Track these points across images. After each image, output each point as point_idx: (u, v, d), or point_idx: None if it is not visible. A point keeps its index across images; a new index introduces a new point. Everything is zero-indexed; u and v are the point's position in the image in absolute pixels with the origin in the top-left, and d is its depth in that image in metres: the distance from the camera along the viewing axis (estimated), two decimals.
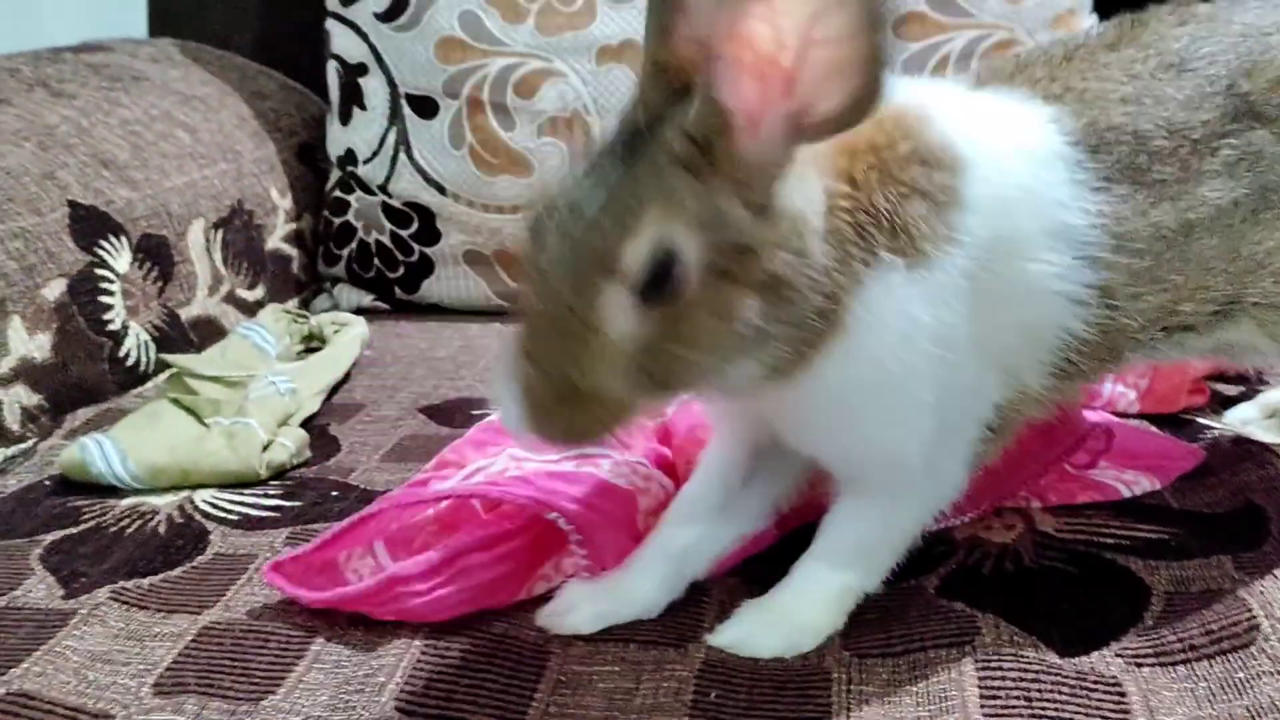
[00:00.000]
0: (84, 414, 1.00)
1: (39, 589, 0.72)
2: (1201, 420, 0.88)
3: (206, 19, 1.56)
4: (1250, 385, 0.94)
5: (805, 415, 0.62)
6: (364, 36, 1.34)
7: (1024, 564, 0.69)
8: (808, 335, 0.57)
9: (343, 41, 1.36)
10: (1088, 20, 1.29)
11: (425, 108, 1.31)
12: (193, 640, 0.66)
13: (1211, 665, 0.58)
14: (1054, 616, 0.63)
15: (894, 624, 0.64)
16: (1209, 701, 0.55)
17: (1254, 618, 0.59)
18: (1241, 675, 0.56)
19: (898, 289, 0.58)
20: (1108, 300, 0.62)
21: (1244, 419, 0.89)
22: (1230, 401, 0.91)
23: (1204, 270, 0.65)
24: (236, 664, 0.63)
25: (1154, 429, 0.85)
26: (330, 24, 1.37)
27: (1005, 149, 0.62)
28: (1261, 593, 0.61)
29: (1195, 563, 0.67)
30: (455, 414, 0.99)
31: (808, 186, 0.57)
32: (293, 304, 1.31)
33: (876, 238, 0.58)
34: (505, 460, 0.75)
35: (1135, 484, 0.77)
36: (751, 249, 0.55)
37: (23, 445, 0.95)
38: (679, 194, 0.54)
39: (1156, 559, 0.68)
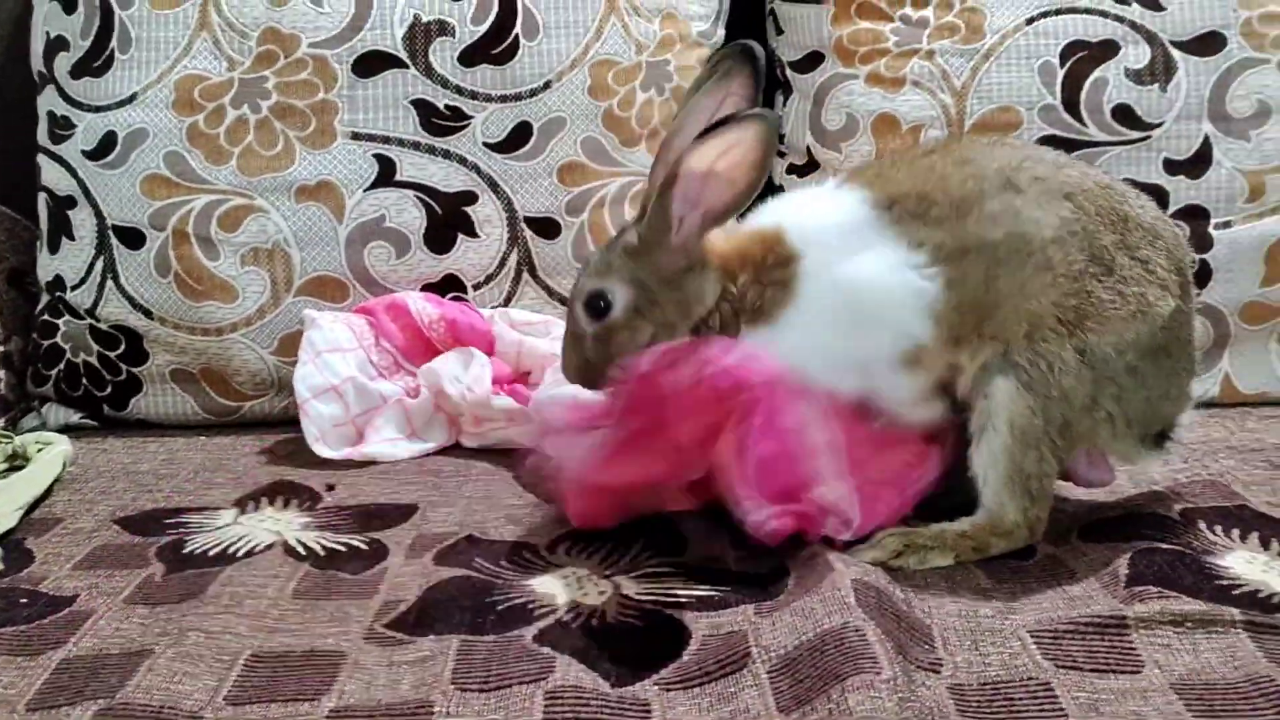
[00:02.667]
0: None
1: None
2: None
3: None
4: None
5: None
6: (73, 172, 1.44)
7: (606, 620, 0.87)
8: None
9: (52, 175, 1.46)
10: None
11: (132, 238, 1.42)
12: None
13: (716, 684, 0.77)
14: (615, 658, 0.81)
15: (494, 665, 0.81)
16: (709, 710, 0.75)
17: (749, 648, 0.80)
18: (733, 690, 0.76)
19: (765, 339, 0.98)
20: (930, 279, 0.96)
21: None
22: None
23: (977, 285, 0.96)
24: None
25: None
26: (41, 159, 1.47)
27: (828, 228, 1.00)
28: (758, 629, 0.82)
29: (729, 612, 0.87)
30: (150, 524, 1.10)
31: (707, 280, 1.01)
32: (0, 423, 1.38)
33: (740, 319, 1.00)
34: None
35: None
36: (659, 303, 1.01)
37: None
38: (614, 265, 1.02)
39: (703, 611, 0.88)
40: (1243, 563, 0.94)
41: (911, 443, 1.01)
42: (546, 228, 1.46)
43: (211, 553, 1.02)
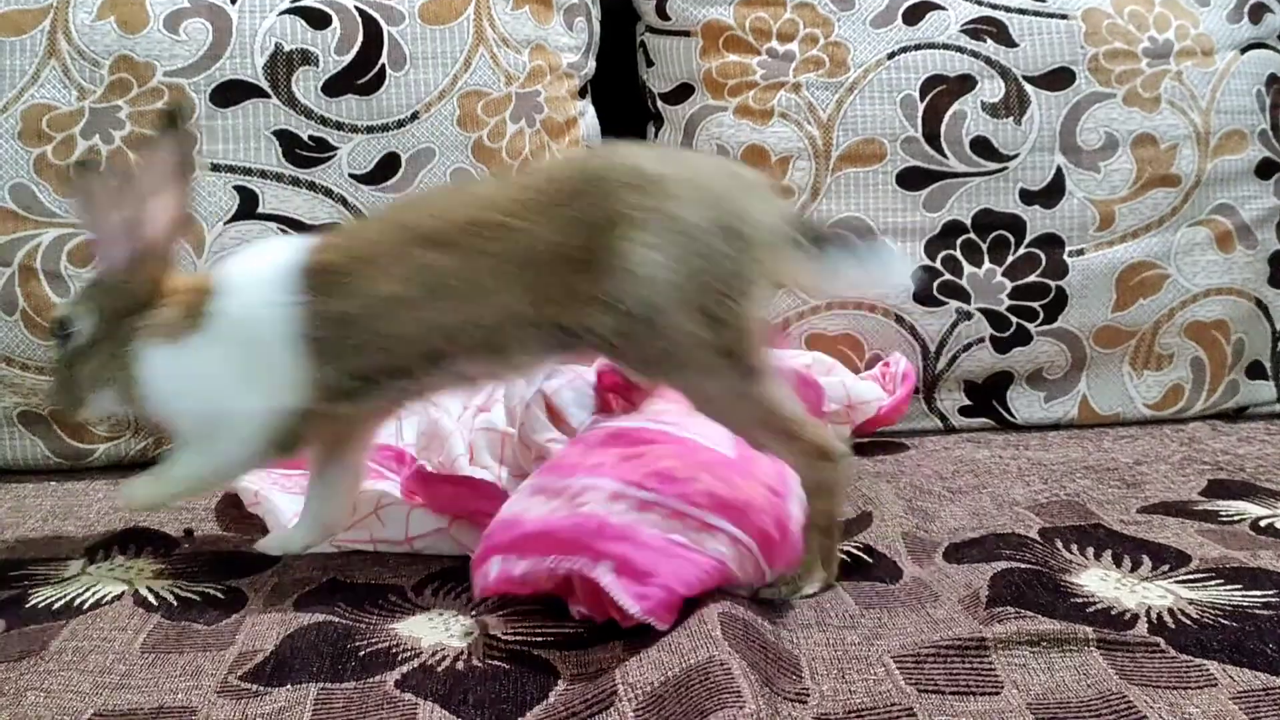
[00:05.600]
0: None
1: None
2: None
3: None
4: None
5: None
6: None
7: (472, 662, 0.85)
8: (120, 383, 1.02)
9: None
10: None
11: None
12: None
13: None
14: (481, 702, 0.79)
15: (353, 713, 0.78)
16: None
17: (615, 686, 0.79)
18: None
19: (164, 355, 1.00)
20: (321, 355, 0.97)
21: None
22: None
23: (395, 336, 0.97)
24: None
25: None
26: None
27: (252, 278, 1.00)
28: (626, 666, 0.81)
29: (598, 649, 0.86)
30: None
31: (135, 317, 1.02)
32: None
33: (141, 334, 1.01)
34: None
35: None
36: (96, 341, 1.03)
37: None
38: (80, 296, 1.05)
39: (570, 649, 0.86)
40: (1097, 580, 0.97)
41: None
42: None
43: (56, 606, 0.96)
